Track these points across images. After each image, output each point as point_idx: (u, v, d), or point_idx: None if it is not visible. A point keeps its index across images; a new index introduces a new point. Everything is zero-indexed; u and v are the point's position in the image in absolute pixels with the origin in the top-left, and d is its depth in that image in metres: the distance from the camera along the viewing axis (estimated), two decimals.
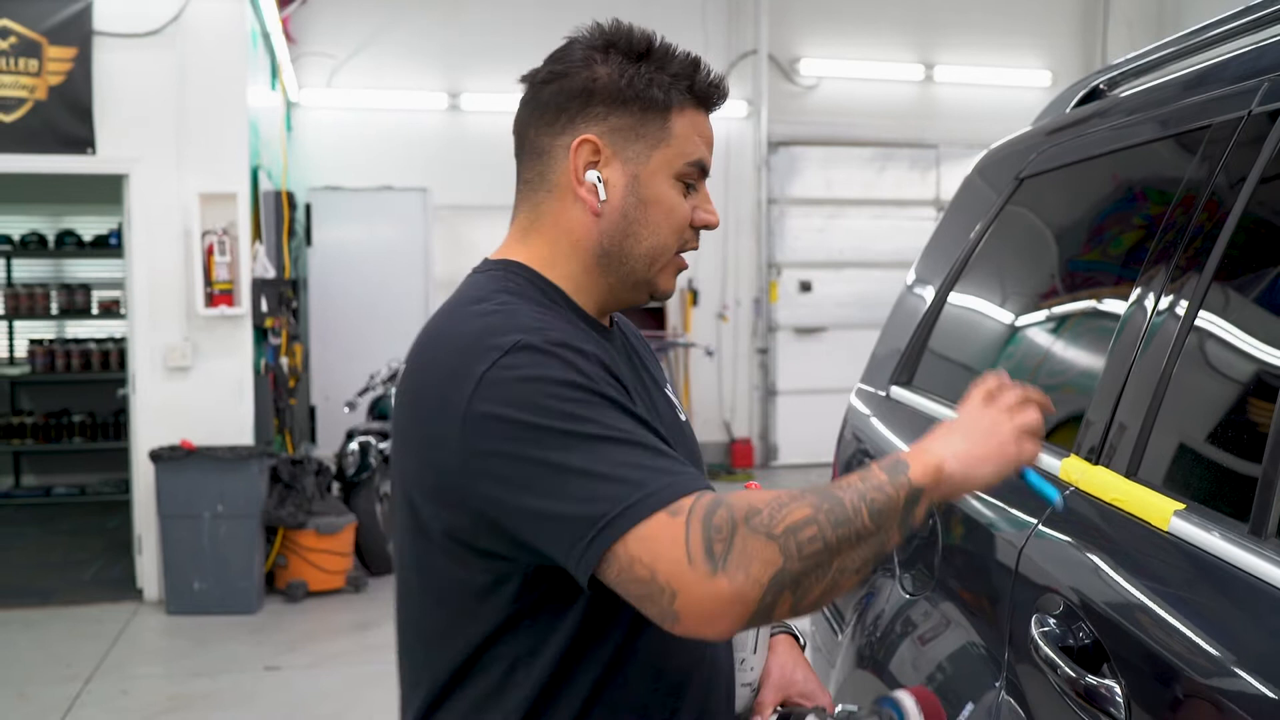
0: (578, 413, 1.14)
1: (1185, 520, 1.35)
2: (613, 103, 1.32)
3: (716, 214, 1.39)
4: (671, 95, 1.33)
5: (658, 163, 1.33)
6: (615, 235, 1.34)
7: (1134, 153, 1.85)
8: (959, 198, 2.56)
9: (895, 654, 2.06)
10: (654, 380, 1.49)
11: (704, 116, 1.36)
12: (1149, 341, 1.55)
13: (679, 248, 1.37)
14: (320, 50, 8.84)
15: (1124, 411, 1.56)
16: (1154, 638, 1.32)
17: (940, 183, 10.03)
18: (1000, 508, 1.76)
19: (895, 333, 2.60)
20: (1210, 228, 1.51)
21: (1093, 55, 10.18)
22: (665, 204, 1.33)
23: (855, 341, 10.32)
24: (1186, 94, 1.72)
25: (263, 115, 6.92)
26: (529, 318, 1.23)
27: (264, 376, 6.13)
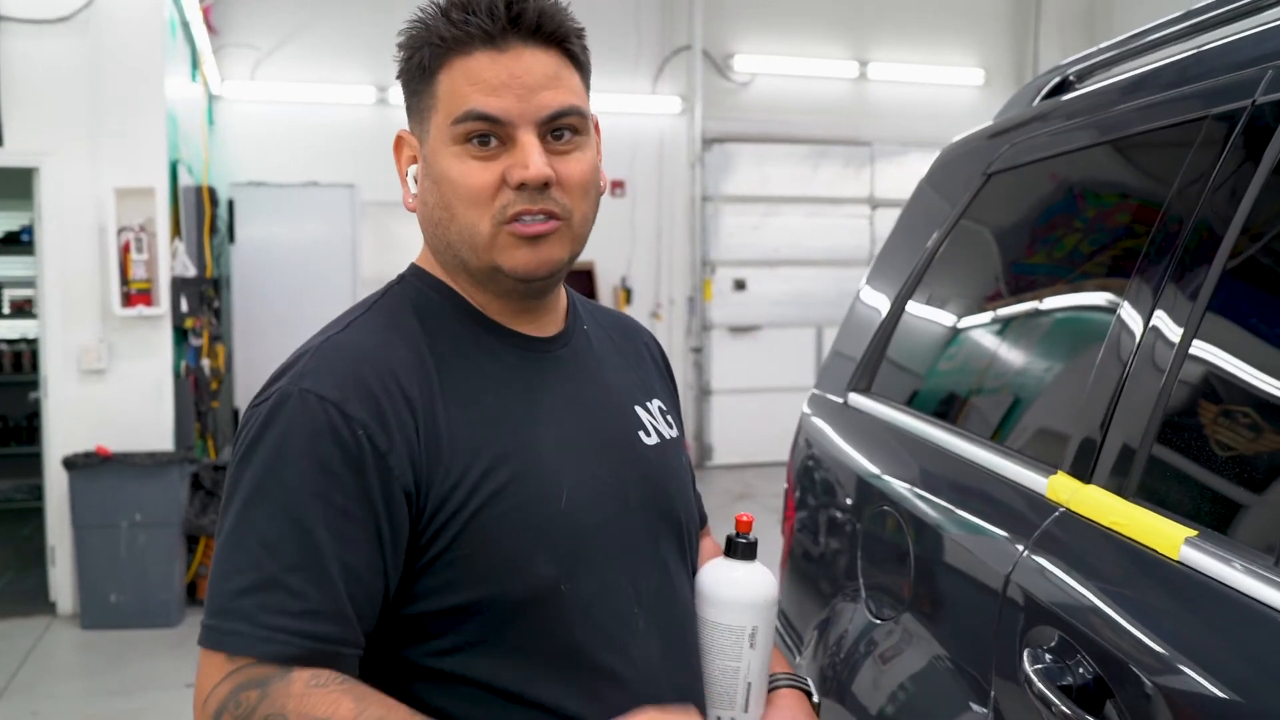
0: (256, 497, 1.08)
1: (1199, 549, 1.24)
2: (406, 86, 1.22)
3: (532, 164, 1.13)
4: (432, 55, 1.17)
5: (433, 135, 1.18)
6: (429, 227, 1.22)
7: (1117, 146, 1.75)
8: (920, 191, 2.46)
9: (861, 680, 1.95)
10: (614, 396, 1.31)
11: (487, 57, 1.15)
12: (1147, 349, 1.44)
13: (497, 218, 1.15)
14: (243, 41, 8.55)
15: (1119, 426, 1.45)
16: (1166, 679, 1.21)
17: (874, 180, 10.00)
18: (984, 527, 1.65)
19: (851, 337, 2.49)
20: (1214, 224, 1.41)
21: (1024, 54, 10.21)
22: (448, 177, 1.16)
23: (790, 340, 10.34)
24: (1179, 83, 1.62)
25: (182, 107, 6.66)
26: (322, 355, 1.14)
27: (184, 379, 5.89)
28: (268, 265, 7.82)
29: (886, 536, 1.93)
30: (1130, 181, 1.76)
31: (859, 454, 2.18)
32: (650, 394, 1.37)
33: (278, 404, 1.10)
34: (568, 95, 1.17)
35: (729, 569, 1.29)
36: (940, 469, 1.87)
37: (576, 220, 1.20)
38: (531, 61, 1.15)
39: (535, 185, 1.14)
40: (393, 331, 1.19)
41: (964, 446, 1.82)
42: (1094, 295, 1.73)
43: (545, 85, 1.15)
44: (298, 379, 1.11)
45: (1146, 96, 1.66)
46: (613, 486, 1.22)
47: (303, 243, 8.00)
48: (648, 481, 1.27)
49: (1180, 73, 1.63)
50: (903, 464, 2.01)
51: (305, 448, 1.07)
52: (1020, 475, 1.62)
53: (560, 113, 1.16)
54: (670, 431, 1.36)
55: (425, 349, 1.18)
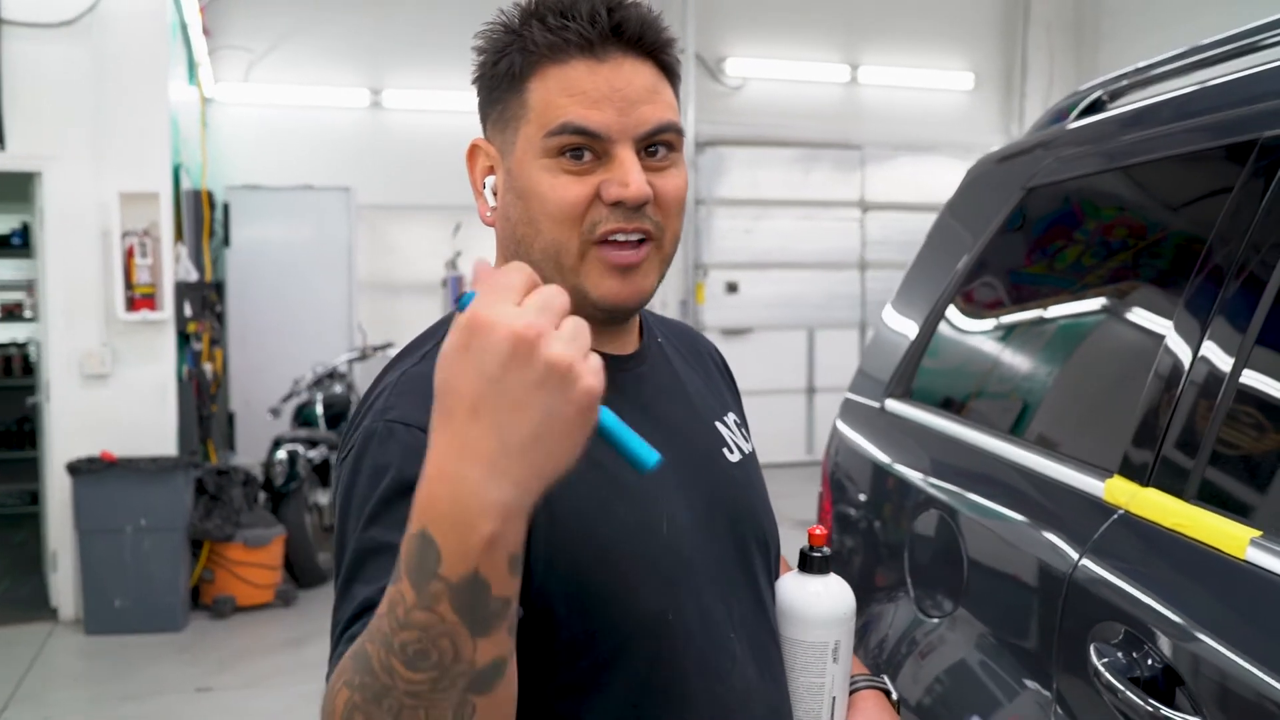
0: (362, 537, 1.00)
1: (1265, 548, 1.29)
2: (487, 93, 1.14)
3: (632, 182, 1.06)
4: (524, 62, 1.09)
5: (522, 146, 1.10)
6: (510, 244, 1.14)
7: (1168, 164, 1.79)
8: (955, 204, 2.49)
9: (908, 676, 1.98)
10: (695, 414, 1.27)
11: (585, 66, 1.08)
12: (1204, 357, 1.49)
13: (587, 237, 1.08)
14: (237, 44, 8.55)
15: (1177, 431, 1.49)
16: (1238, 671, 1.25)
17: (865, 184, 10.07)
18: (1042, 528, 1.69)
19: (880, 356, 2.52)
20: (1273, 237, 1.45)
21: (1013, 58, 10.30)
22: (537, 191, 1.08)
23: (783, 343, 10.39)
24: (1227, 105, 1.66)
25: (181, 111, 6.66)
26: (404, 388, 1.08)
27: (188, 383, 5.88)
28: (263, 269, 7.82)
29: (936, 538, 1.96)
30: (1183, 198, 1.80)
31: (903, 459, 2.22)
32: (725, 408, 1.34)
33: (364, 442, 1.04)
34: (666, 110, 1.11)
35: (807, 584, 1.25)
36: (990, 472, 1.91)
37: (668, 240, 1.14)
38: (631, 73, 1.09)
39: (633, 204, 1.08)
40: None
41: (1012, 451, 1.86)
42: (1144, 305, 1.77)
43: (645, 99, 1.09)
44: (380, 414, 1.05)
45: (1197, 118, 1.70)
46: (706, 509, 1.18)
47: (298, 246, 8.00)
48: (735, 501, 1.24)
49: (1230, 94, 1.67)
50: (950, 468, 2.04)
51: (398, 477, 0.98)
52: (1075, 479, 1.66)
53: (660, 128, 1.10)
54: (748, 446, 1.32)
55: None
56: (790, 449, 9.79)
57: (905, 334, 2.42)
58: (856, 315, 10.15)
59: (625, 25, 1.09)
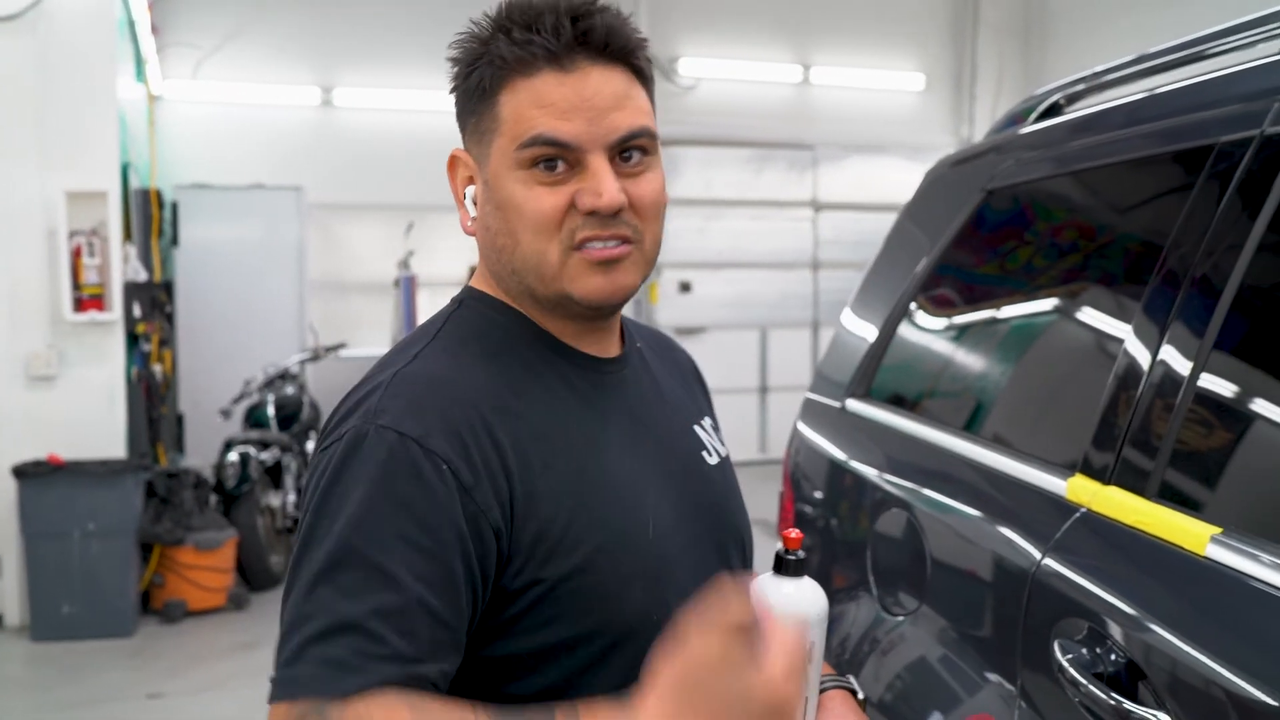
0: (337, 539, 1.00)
1: (1225, 545, 1.31)
2: (462, 105, 1.16)
3: (605, 191, 1.08)
4: (493, 75, 1.11)
5: (496, 158, 1.12)
6: (491, 253, 1.17)
7: (1126, 167, 1.82)
8: (913, 207, 2.52)
9: (874, 677, 2.00)
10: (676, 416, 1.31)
11: (553, 77, 1.09)
12: (1165, 357, 1.51)
13: (567, 244, 1.11)
14: (185, 41, 8.43)
15: (1138, 430, 1.52)
16: (1200, 665, 1.28)
17: (817, 184, 10.13)
18: (1005, 526, 1.71)
19: (839, 359, 2.54)
20: (1229, 240, 1.48)
21: (963, 60, 10.41)
22: (514, 203, 1.11)
23: (735, 342, 10.43)
24: (1184, 110, 1.69)
25: (129, 109, 6.56)
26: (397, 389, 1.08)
27: (137, 385, 5.80)
28: (212, 268, 7.73)
29: (899, 536, 1.98)
30: (1141, 201, 1.83)
31: (865, 458, 2.23)
32: (701, 413, 1.37)
33: (353, 444, 1.04)
34: (638, 116, 1.12)
35: (782, 586, 1.21)
36: (953, 471, 1.93)
37: (648, 243, 1.15)
38: (600, 82, 1.10)
39: (606, 213, 1.10)
40: (465, 359, 1.14)
41: (974, 450, 1.89)
42: (1104, 305, 1.80)
43: (615, 106, 1.10)
44: (372, 416, 1.05)
45: (1154, 122, 1.73)
46: (689, 512, 1.21)
47: (248, 245, 7.92)
48: (715, 504, 1.27)
49: (1187, 100, 1.70)
50: (912, 467, 2.06)
51: (386, 488, 1.01)
52: (1037, 477, 1.69)
53: (631, 134, 1.11)
54: (723, 449, 1.35)
55: (501, 376, 1.13)
56: (744, 448, 9.82)
57: (864, 336, 2.44)
58: (809, 315, 10.20)
59: (590, 34, 1.09)
